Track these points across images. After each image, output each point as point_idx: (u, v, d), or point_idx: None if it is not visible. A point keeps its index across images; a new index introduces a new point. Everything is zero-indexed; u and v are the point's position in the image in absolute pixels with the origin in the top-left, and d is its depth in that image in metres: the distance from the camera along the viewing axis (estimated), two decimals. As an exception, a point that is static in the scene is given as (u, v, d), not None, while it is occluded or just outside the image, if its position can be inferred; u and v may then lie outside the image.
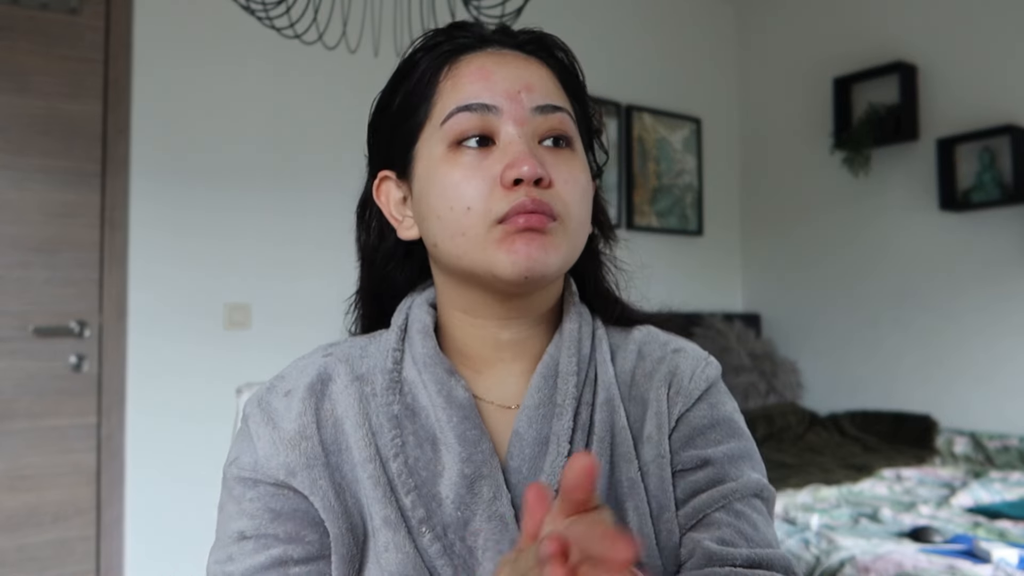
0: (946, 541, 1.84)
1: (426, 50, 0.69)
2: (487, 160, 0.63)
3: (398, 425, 0.65)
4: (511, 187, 0.62)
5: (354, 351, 0.71)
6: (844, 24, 3.61)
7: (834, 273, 3.62)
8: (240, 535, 0.63)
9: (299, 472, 0.63)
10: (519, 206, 0.61)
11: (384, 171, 0.72)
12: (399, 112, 0.70)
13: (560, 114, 0.66)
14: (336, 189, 2.83)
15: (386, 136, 0.73)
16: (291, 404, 0.66)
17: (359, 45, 1.96)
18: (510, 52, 0.68)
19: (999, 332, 3.05)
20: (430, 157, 0.66)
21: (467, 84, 0.65)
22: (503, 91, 0.64)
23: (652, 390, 0.70)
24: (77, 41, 2.45)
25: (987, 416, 3.05)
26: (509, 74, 0.65)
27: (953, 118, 3.19)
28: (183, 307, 2.56)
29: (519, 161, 0.61)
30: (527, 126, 0.64)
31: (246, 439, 0.66)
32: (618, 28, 3.59)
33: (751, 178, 4.06)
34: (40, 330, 2.37)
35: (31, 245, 2.37)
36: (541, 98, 0.65)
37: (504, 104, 0.64)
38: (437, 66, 0.67)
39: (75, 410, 2.41)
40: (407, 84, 0.69)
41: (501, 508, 0.62)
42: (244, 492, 0.64)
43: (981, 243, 3.11)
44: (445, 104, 0.65)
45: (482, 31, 0.69)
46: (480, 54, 0.67)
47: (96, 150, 2.47)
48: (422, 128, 0.67)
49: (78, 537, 2.39)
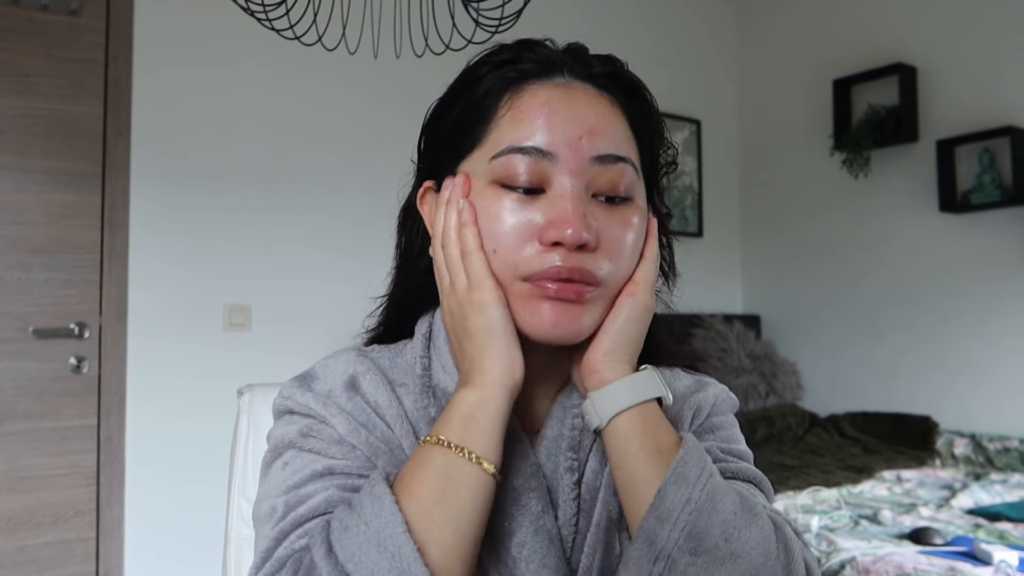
0: (946, 543, 1.84)
1: (492, 67, 0.64)
2: (531, 208, 0.60)
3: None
4: (549, 247, 0.58)
5: (383, 360, 0.69)
6: (844, 26, 3.61)
7: (834, 274, 3.62)
8: (328, 470, 0.60)
9: (383, 455, 0.62)
10: (552, 272, 0.58)
11: (429, 181, 0.69)
12: (452, 128, 0.65)
13: (621, 165, 0.61)
14: (336, 191, 2.83)
15: (435, 148, 0.68)
16: (343, 401, 0.64)
17: (359, 47, 1.95)
18: (579, 85, 0.63)
19: (999, 333, 3.05)
20: (474, 185, 0.62)
21: (526, 122, 0.60)
22: (563, 136, 0.60)
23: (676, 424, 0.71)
24: (77, 43, 2.45)
25: (987, 417, 3.05)
26: (573, 115, 0.60)
27: (953, 119, 3.19)
28: (183, 308, 2.56)
29: (564, 222, 0.58)
30: (582, 177, 0.60)
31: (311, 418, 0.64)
32: (617, 29, 3.59)
33: (751, 179, 4.06)
34: (40, 331, 2.37)
35: (31, 246, 2.37)
36: (604, 146, 0.61)
37: (562, 151, 0.59)
38: (499, 90, 0.63)
39: (75, 411, 2.41)
40: (465, 100, 0.65)
41: (548, 523, 0.61)
42: (326, 448, 0.62)
43: (981, 244, 3.11)
44: (500, 137, 0.61)
45: (551, 55, 0.64)
46: (546, 85, 0.62)
47: (96, 151, 2.47)
48: (471, 152, 0.63)
49: (78, 538, 2.39)
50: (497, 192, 0.61)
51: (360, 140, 2.89)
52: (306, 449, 0.62)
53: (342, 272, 2.75)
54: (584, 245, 0.58)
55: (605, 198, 0.61)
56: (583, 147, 0.60)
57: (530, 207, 0.60)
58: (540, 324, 0.59)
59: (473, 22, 1.69)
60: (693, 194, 3.89)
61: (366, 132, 2.89)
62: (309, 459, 0.62)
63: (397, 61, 2.00)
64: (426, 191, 0.69)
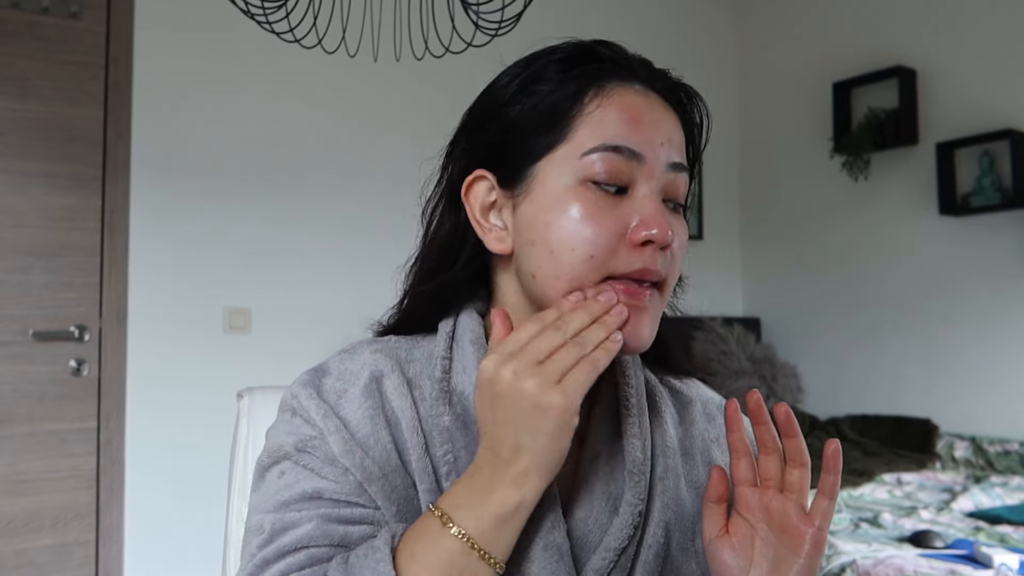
0: (947, 546, 1.84)
1: (564, 62, 0.63)
2: (618, 209, 0.60)
3: (450, 439, 0.62)
4: (639, 247, 0.60)
5: (400, 352, 0.67)
6: (843, 29, 3.62)
7: (834, 277, 3.62)
8: (316, 493, 0.60)
9: (376, 480, 0.61)
10: (644, 271, 0.60)
11: (481, 171, 0.65)
12: (527, 119, 0.63)
13: (684, 175, 0.64)
14: (336, 192, 2.84)
15: (498, 136, 0.64)
16: (352, 408, 0.63)
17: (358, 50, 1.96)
18: (652, 94, 0.64)
19: (999, 336, 3.05)
20: (555, 183, 0.61)
21: (618, 122, 0.61)
22: (649, 140, 0.61)
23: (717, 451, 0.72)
24: (78, 46, 2.46)
25: (988, 420, 3.05)
26: (656, 122, 0.62)
27: (952, 122, 3.20)
28: (183, 311, 2.56)
29: (655, 222, 0.59)
30: (658, 182, 0.62)
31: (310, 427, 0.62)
32: (615, 33, 3.57)
33: (751, 182, 4.06)
34: (40, 334, 2.37)
35: (31, 249, 2.37)
36: (676, 155, 0.63)
37: (649, 155, 0.61)
38: (582, 86, 0.62)
39: (75, 414, 2.41)
40: (542, 91, 0.63)
41: (558, 539, 0.61)
42: (319, 466, 0.61)
43: (981, 247, 3.11)
44: (589, 134, 0.61)
45: (629, 58, 0.65)
46: (628, 89, 0.63)
47: (96, 155, 2.47)
48: (554, 149, 0.62)
49: (77, 542, 2.39)
50: (586, 190, 0.60)
51: (359, 141, 2.89)
52: (301, 464, 0.62)
53: (342, 274, 2.75)
54: (667, 246, 0.61)
55: (673, 204, 0.64)
56: (662, 153, 0.62)
57: (618, 208, 0.60)
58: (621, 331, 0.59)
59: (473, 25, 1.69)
60: (693, 196, 3.84)
61: (366, 134, 2.89)
62: (302, 475, 0.61)
63: (397, 64, 2.01)
64: (475, 180, 0.66)
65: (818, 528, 0.59)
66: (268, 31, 1.64)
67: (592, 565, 0.62)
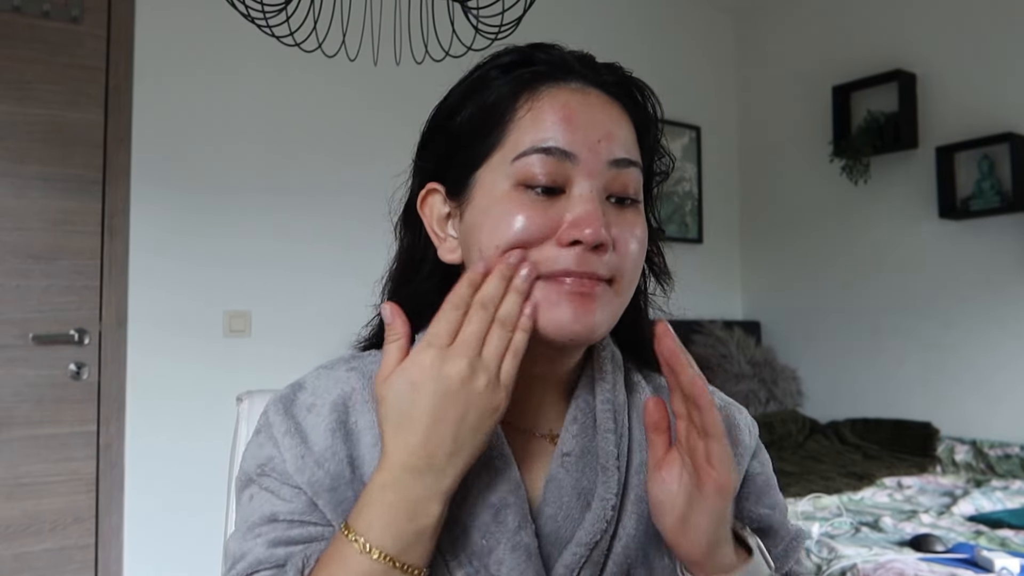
0: (948, 550, 1.83)
1: (502, 68, 0.64)
2: (552, 209, 0.60)
3: None
4: (567, 246, 0.59)
5: (375, 367, 0.67)
6: (843, 32, 3.62)
7: (834, 280, 3.62)
8: (272, 516, 0.62)
9: (324, 493, 0.62)
10: (567, 272, 0.59)
11: (433, 183, 0.67)
12: (466, 130, 0.64)
13: (633, 170, 0.63)
14: (337, 195, 2.84)
15: (444, 149, 0.67)
16: (316, 422, 0.64)
17: (359, 53, 1.96)
18: (592, 91, 0.64)
19: (999, 339, 3.05)
20: (492, 189, 0.62)
21: (548, 123, 0.61)
22: (584, 138, 0.61)
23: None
24: (78, 49, 2.46)
25: (988, 424, 3.04)
26: (592, 119, 0.61)
27: (952, 126, 3.20)
28: (183, 314, 2.56)
29: (585, 222, 0.59)
30: (599, 179, 0.61)
31: (272, 445, 0.64)
32: (617, 37, 3.60)
33: (750, 186, 4.06)
34: (40, 338, 2.36)
35: (31, 253, 2.37)
36: (619, 150, 0.62)
37: (583, 153, 0.60)
38: (515, 91, 0.63)
39: (74, 418, 2.40)
40: (478, 101, 0.64)
41: (525, 538, 0.61)
42: (278, 487, 0.63)
43: (980, 251, 3.11)
44: (520, 138, 0.61)
45: (564, 58, 0.65)
46: (563, 89, 0.63)
47: (97, 158, 2.47)
48: (489, 156, 0.63)
49: (77, 545, 2.38)
50: (519, 193, 0.61)
51: (360, 146, 2.90)
52: (264, 487, 0.63)
53: (342, 278, 2.75)
54: (601, 245, 0.59)
55: (617, 200, 0.63)
56: (601, 150, 0.61)
57: (551, 208, 0.60)
58: (560, 320, 0.59)
59: (473, 28, 1.69)
60: (693, 200, 3.89)
61: (366, 139, 2.89)
62: (264, 499, 0.63)
63: (397, 68, 2.01)
64: (429, 193, 0.68)
65: (718, 473, 0.56)
66: (268, 35, 1.64)
67: (563, 561, 0.62)
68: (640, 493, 0.65)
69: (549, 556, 0.62)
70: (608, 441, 0.65)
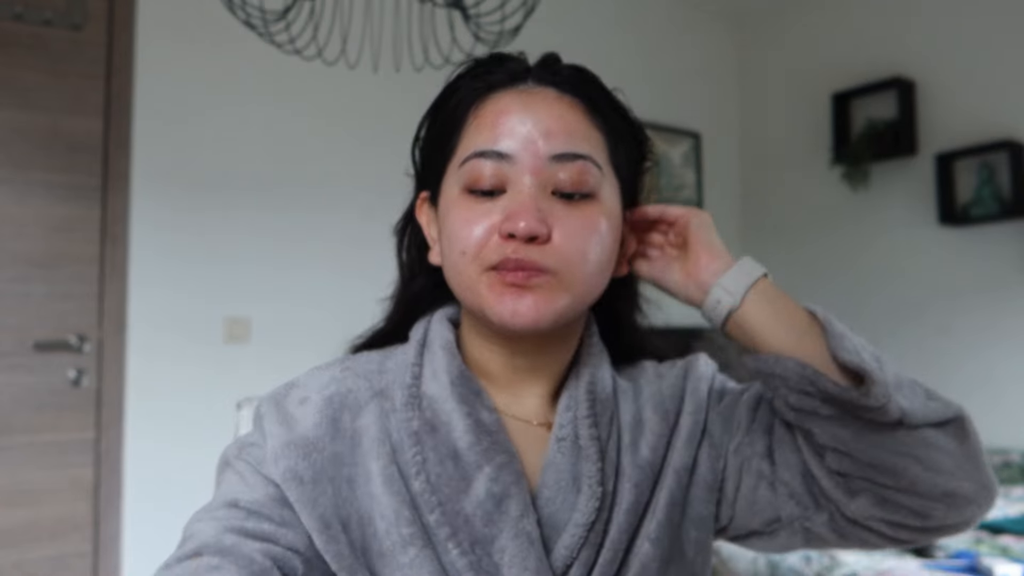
0: (949, 557, 1.83)
1: (464, 80, 0.68)
2: (495, 209, 0.63)
3: (418, 442, 0.64)
4: (506, 239, 0.62)
5: (371, 367, 0.70)
6: (842, 40, 3.63)
7: (833, 287, 3.62)
8: (234, 502, 0.62)
9: (305, 483, 0.62)
10: (505, 261, 0.62)
11: (424, 192, 0.72)
12: (434, 140, 0.70)
13: (580, 163, 0.64)
14: (336, 202, 2.84)
15: (424, 160, 0.72)
16: (307, 412, 0.66)
17: (358, 61, 1.97)
18: (542, 90, 0.66)
19: (999, 346, 3.05)
20: (449, 195, 0.66)
21: (486, 128, 0.64)
22: (520, 137, 0.63)
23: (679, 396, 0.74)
24: (79, 57, 2.47)
25: (988, 431, 3.03)
26: (530, 118, 0.64)
27: (951, 133, 3.20)
28: (182, 321, 2.56)
29: (517, 215, 0.61)
30: (542, 175, 0.63)
31: (259, 434, 0.66)
32: (616, 43, 3.61)
33: (750, 193, 4.06)
34: (39, 344, 2.36)
35: (31, 259, 2.37)
36: (561, 145, 0.63)
37: (519, 152, 0.63)
38: (468, 102, 0.66)
39: (74, 425, 2.40)
40: (441, 112, 0.69)
41: (527, 526, 0.62)
42: (248, 474, 0.64)
43: (980, 258, 3.11)
44: (467, 145, 0.65)
45: (518, 66, 0.68)
46: (507, 93, 0.66)
47: (97, 165, 2.48)
48: (448, 164, 0.67)
49: (75, 553, 2.38)
50: (467, 198, 0.64)
51: (359, 154, 2.90)
52: (235, 470, 0.65)
53: (343, 284, 2.75)
54: (536, 237, 0.61)
55: (565, 195, 0.64)
56: (539, 147, 0.63)
57: (494, 207, 0.63)
58: (502, 311, 0.62)
59: (473, 36, 1.70)
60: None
61: (365, 146, 2.90)
62: (233, 481, 0.64)
63: (397, 75, 2.01)
64: (422, 201, 0.72)
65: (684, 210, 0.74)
66: (268, 42, 1.65)
67: (563, 543, 0.64)
68: (631, 472, 0.68)
69: (549, 539, 0.64)
70: (584, 424, 0.67)
